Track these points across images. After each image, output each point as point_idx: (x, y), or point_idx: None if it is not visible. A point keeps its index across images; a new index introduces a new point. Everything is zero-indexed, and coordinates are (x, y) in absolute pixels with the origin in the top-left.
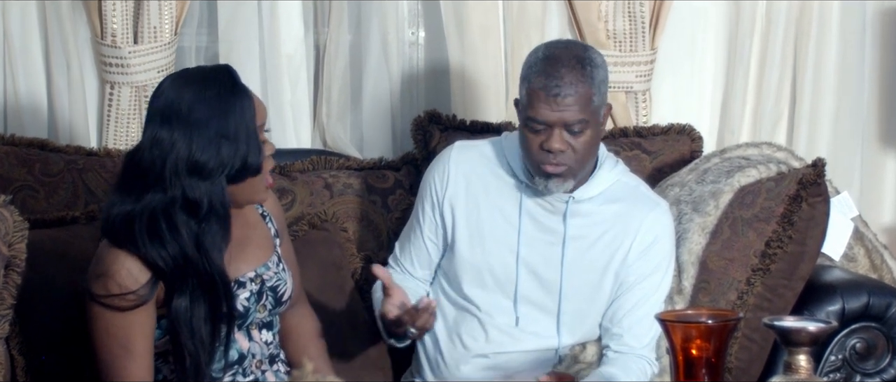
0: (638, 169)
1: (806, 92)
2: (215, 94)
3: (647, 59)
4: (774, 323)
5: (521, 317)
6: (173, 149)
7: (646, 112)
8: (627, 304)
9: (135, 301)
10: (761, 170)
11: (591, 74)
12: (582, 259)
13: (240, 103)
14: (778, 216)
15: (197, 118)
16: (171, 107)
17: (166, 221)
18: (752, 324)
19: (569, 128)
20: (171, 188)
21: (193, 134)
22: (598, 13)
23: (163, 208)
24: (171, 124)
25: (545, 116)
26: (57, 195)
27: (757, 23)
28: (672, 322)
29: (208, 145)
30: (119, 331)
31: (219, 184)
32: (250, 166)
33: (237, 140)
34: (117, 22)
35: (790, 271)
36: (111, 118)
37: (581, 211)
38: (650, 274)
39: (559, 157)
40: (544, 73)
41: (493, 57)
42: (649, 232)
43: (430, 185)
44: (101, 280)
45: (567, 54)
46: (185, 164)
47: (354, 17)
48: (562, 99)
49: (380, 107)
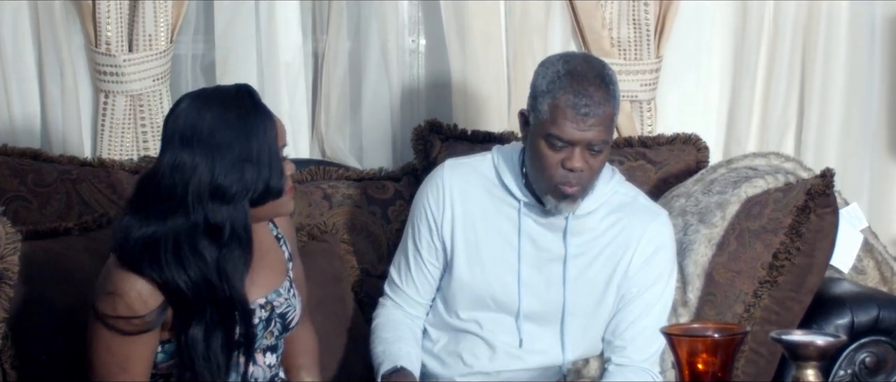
0: (643, 179)
1: (814, 101)
2: (237, 116)
3: (652, 68)
4: (782, 337)
5: (525, 338)
6: (195, 173)
7: (651, 121)
8: (630, 316)
9: (141, 326)
10: (769, 180)
11: (613, 93)
12: (584, 276)
13: (263, 125)
14: (786, 227)
15: (219, 141)
16: (193, 128)
17: (189, 246)
18: (760, 338)
19: (590, 148)
20: (193, 212)
21: (216, 157)
22: (602, 20)
23: (186, 233)
24: (192, 147)
25: (570, 135)
26: (50, 206)
27: (764, 30)
28: (678, 335)
29: (231, 169)
30: (119, 353)
31: (241, 209)
32: (273, 189)
33: (260, 163)
34: (112, 29)
35: (798, 283)
36: (105, 128)
37: (580, 227)
38: (652, 285)
39: (577, 177)
40: (572, 91)
41: (495, 64)
42: (650, 243)
43: (425, 209)
44: (109, 298)
45: (591, 71)
46: (208, 189)
47: (353, 23)
48: (590, 118)
49: (379, 116)
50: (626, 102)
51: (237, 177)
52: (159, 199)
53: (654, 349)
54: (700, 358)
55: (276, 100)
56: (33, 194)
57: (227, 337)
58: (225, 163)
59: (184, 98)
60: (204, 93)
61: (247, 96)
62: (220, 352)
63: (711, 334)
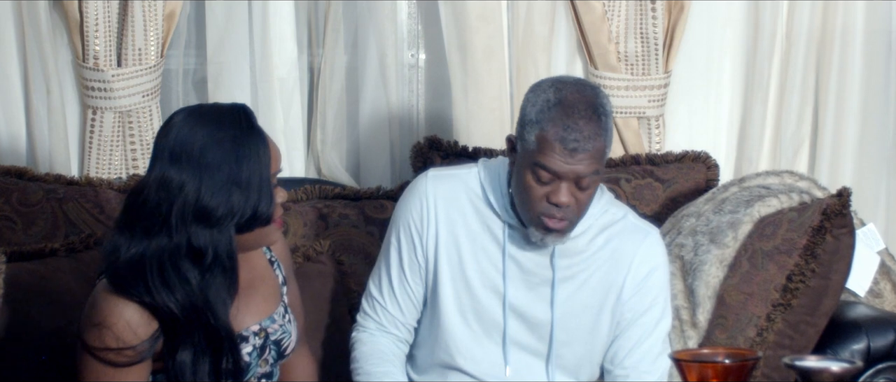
0: (650, 198)
1: (829, 117)
2: (230, 137)
3: (660, 83)
4: (796, 363)
5: (512, 365)
6: (181, 192)
7: (659, 138)
8: (628, 343)
9: (132, 357)
10: (782, 199)
11: (605, 125)
12: (573, 300)
13: (256, 149)
14: (800, 248)
15: (209, 161)
16: (183, 146)
17: (173, 268)
18: (772, 364)
19: (578, 182)
20: (176, 233)
21: (203, 177)
22: (609, 34)
23: (169, 254)
24: (180, 164)
25: (558, 168)
26: (35, 226)
27: (776, 44)
28: (687, 361)
29: (218, 191)
30: None
31: (226, 233)
32: (260, 216)
33: (249, 188)
34: (100, 44)
35: (813, 307)
36: (93, 145)
37: (569, 250)
38: (648, 308)
39: (563, 212)
40: (561, 124)
41: (497, 80)
42: (643, 265)
43: (408, 224)
44: (96, 330)
45: (583, 102)
46: (192, 210)
47: (351, 37)
48: (579, 153)
49: (377, 133)
50: (634, 119)
51: (223, 200)
52: (144, 217)
53: (658, 374)
54: None
55: (270, 117)
56: (18, 214)
57: (215, 366)
58: (212, 185)
59: (179, 112)
60: (200, 109)
61: (243, 117)
62: (207, 380)
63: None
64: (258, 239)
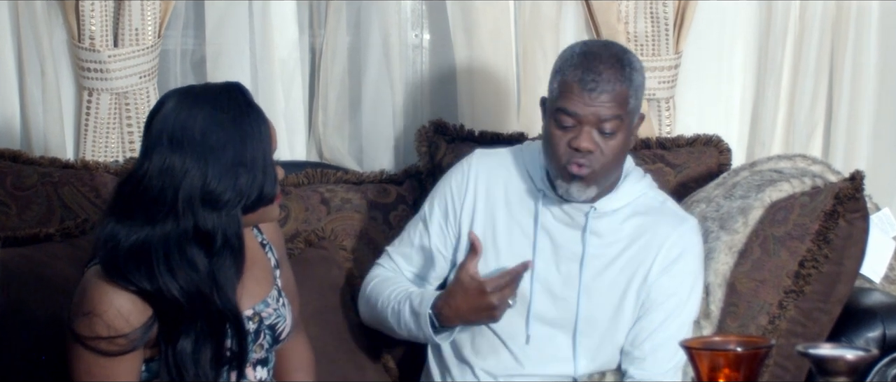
0: (661, 183)
1: (843, 100)
2: (231, 118)
3: (670, 64)
4: (809, 351)
5: (533, 337)
6: (186, 178)
7: (669, 121)
8: (650, 326)
9: (124, 346)
10: (794, 184)
11: (629, 75)
12: (601, 278)
13: (258, 127)
14: (813, 234)
15: (212, 144)
16: (183, 130)
17: (180, 254)
18: (785, 352)
19: (600, 128)
20: (183, 219)
21: (209, 161)
22: (618, 14)
23: (176, 240)
24: (183, 149)
25: (577, 109)
26: (30, 211)
27: (790, 25)
28: (698, 349)
29: (225, 174)
30: (101, 376)
31: (234, 216)
32: (266, 196)
33: (254, 168)
34: (96, 23)
35: (826, 293)
36: (89, 127)
37: (601, 227)
38: (674, 293)
39: (587, 158)
40: (581, 67)
41: (504, 61)
42: (674, 249)
43: (445, 194)
44: (87, 319)
45: (607, 52)
46: (200, 194)
47: (353, 17)
48: (597, 94)
49: (381, 116)
50: (643, 101)
51: (231, 183)
52: (145, 205)
53: (675, 362)
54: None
55: (271, 99)
56: (12, 198)
57: (217, 351)
58: (218, 168)
59: (169, 95)
60: (192, 90)
61: (239, 95)
62: (209, 367)
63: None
64: (260, 216)
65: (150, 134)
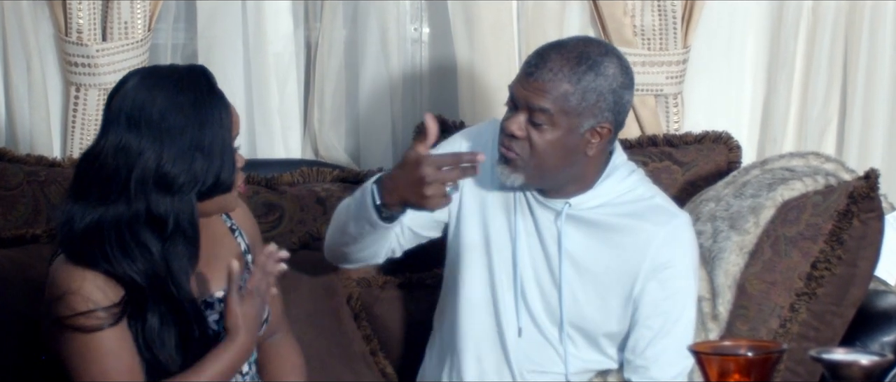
0: (668, 181)
1: (857, 96)
2: (191, 101)
3: (678, 59)
4: (822, 356)
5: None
6: (141, 158)
7: (677, 118)
8: (648, 333)
9: (105, 319)
10: (807, 182)
11: (582, 74)
12: (584, 271)
13: (218, 113)
14: (826, 234)
15: (170, 126)
16: (142, 110)
17: (132, 236)
18: (797, 356)
19: (532, 117)
20: (134, 200)
21: (165, 143)
22: (624, 7)
23: (126, 222)
24: (139, 129)
25: (515, 90)
26: (15, 210)
27: (802, 18)
28: (707, 354)
29: (180, 158)
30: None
31: (188, 201)
32: (223, 183)
33: (212, 154)
34: (84, 17)
35: (839, 296)
36: (77, 124)
37: (580, 217)
38: (670, 296)
39: (513, 144)
40: (536, 52)
41: (506, 56)
42: (663, 251)
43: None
44: (63, 300)
45: (574, 46)
46: (153, 176)
47: (350, 10)
48: (533, 80)
49: (378, 112)
50: (651, 97)
51: (185, 168)
52: (100, 183)
53: (679, 368)
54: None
55: (264, 94)
56: None
57: (182, 336)
58: (173, 151)
59: (132, 74)
60: (156, 71)
61: (203, 78)
62: (174, 351)
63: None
64: (219, 205)
65: (109, 111)
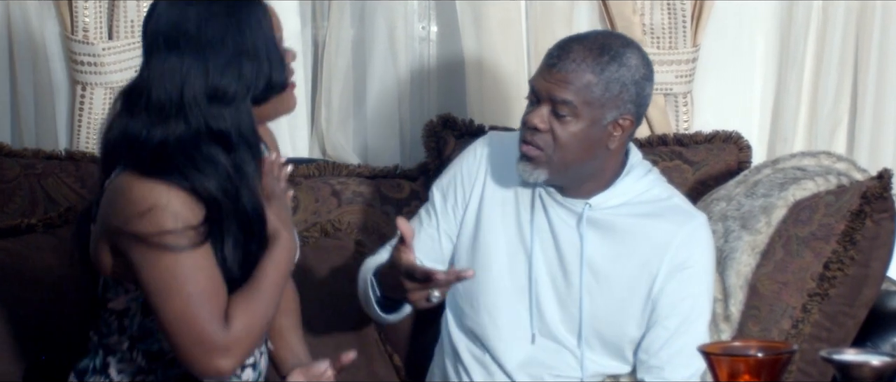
0: (679, 181)
1: (868, 94)
2: (225, 9)
3: (688, 58)
4: (834, 357)
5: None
6: (188, 77)
7: (687, 117)
8: (664, 334)
9: (194, 239)
10: (819, 182)
11: (605, 65)
12: (606, 276)
13: (255, 13)
14: (838, 234)
15: (210, 38)
16: (177, 28)
17: (199, 154)
18: (809, 357)
19: (555, 109)
20: (192, 120)
21: (208, 56)
22: (634, 6)
23: (190, 140)
24: (180, 48)
25: (536, 83)
26: (12, 203)
27: (813, 16)
28: (717, 355)
29: (227, 67)
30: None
31: (244, 109)
32: (275, 84)
33: (258, 57)
34: (90, 15)
35: (852, 297)
36: (83, 123)
37: (600, 221)
38: (686, 297)
39: (536, 137)
40: (558, 44)
41: (515, 54)
42: (682, 250)
43: (453, 178)
44: (148, 216)
45: (596, 38)
46: (204, 93)
47: (358, 9)
48: (556, 71)
49: (386, 112)
50: (660, 96)
51: (235, 76)
52: (154, 110)
53: (693, 369)
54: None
55: None
56: None
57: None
58: (219, 62)
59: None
60: None
61: None
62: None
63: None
64: (276, 107)
65: (146, 37)
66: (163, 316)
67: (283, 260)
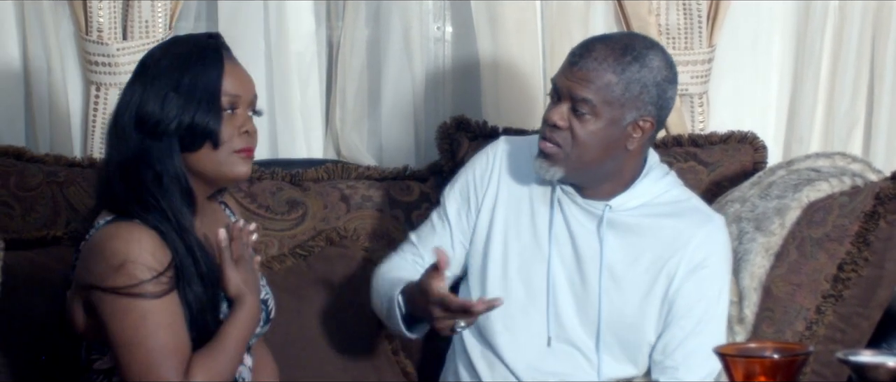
0: (694, 182)
1: (884, 95)
2: (183, 51)
3: (704, 58)
4: (849, 358)
5: (555, 338)
6: (128, 103)
7: (702, 118)
8: (680, 334)
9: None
10: (833, 183)
11: (627, 65)
12: (624, 278)
13: (203, 61)
14: (852, 235)
15: (156, 70)
16: (143, 64)
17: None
18: (823, 359)
19: (575, 107)
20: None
21: (147, 86)
22: (649, 6)
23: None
24: (136, 78)
25: (558, 80)
26: (34, 212)
27: (829, 17)
28: (732, 356)
29: (155, 97)
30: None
31: (169, 146)
32: (198, 127)
33: (189, 97)
34: (104, 16)
35: (866, 298)
36: (97, 124)
37: (620, 222)
38: (702, 297)
39: (555, 134)
40: (581, 43)
41: (530, 55)
42: (699, 251)
43: (468, 181)
44: (123, 270)
45: (620, 38)
46: (134, 116)
47: (373, 9)
48: (577, 69)
49: (401, 112)
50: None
51: (158, 105)
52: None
53: (708, 370)
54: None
55: (286, 94)
56: (16, 198)
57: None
58: (152, 91)
59: None
60: (177, 36)
61: (206, 38)
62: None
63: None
64: (216, 165)
65: None
66: (126, 368)
67: (247, 321)
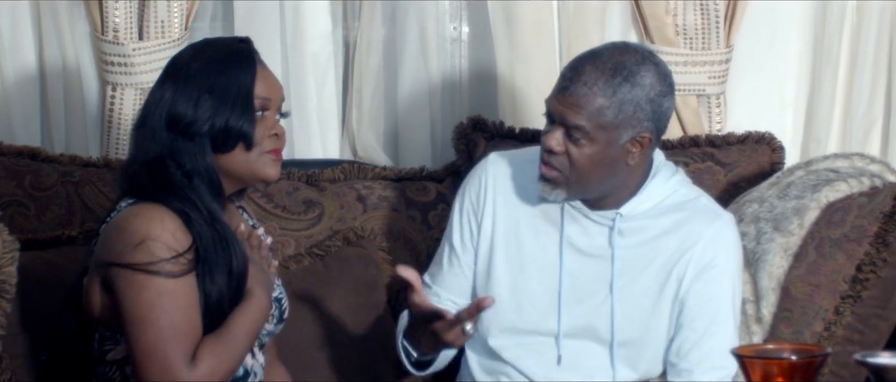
0: (711, 183)
1: None
2: (215, 53)
3: (721, 59)
4: (867, 360)
5: (565, 354)
6: (159, 103)
7: (720, 118)
8: (693, 336)
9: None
10: (852, 184)
11: (617, 87)
12: (634, 282)
13: (238, 65)
14: (871, 236)
15: (187, 72)
16: (174, 64)
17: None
18: (841, 360)
19: (568, 132)
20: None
21: (180, 87)
22: (666, 7)
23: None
24: (166, 80)
25: (551, 105)
26: (50, 212)
27: (847, 17)
28: (750, 357)
29: (189, 98)
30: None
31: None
32: (232, 129)
33: (223, 99)
34: (120, 16)
35: (885, 299)
36: (113, 124)
37: (631, 227)
38: (714, 298)
39: (552, 159)
40: (572, 63)
41: (546, 55)
42: (707, 251)
43: (463, 203)
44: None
45: (609, 56)
46: (165, 117)
47: (389, 9)
48: (568, 95)
49: (417, 113)
50: (693, 97)
51: (191, 107)
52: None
53: (724, 371)
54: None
55: (302, 94)
56: (31, 198)
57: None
58: (185, 92)
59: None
60: (207, 39)
61: (237, 41)
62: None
63: (788, 356)
64: (248, 165)
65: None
66: (135, 346)
67: (255, 313)
